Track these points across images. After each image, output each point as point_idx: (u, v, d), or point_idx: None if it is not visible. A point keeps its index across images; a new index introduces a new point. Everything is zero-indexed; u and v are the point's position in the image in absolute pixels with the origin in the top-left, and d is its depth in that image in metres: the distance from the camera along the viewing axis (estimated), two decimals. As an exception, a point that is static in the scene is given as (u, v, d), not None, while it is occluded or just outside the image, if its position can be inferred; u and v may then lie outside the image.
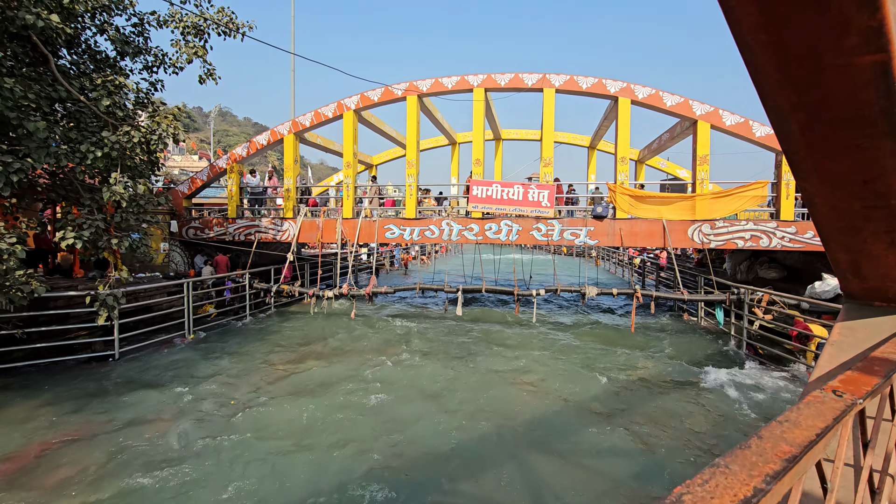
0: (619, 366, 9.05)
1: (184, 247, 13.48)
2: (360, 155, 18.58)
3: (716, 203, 11.05)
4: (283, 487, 4.92)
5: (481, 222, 11.90)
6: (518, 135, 18.57)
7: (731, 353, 9.91)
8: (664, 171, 17.60)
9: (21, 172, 6.06)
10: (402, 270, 26.98)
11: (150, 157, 8.07)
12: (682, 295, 10.82)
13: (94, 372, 8.27)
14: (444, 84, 12.23)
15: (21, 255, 5.57)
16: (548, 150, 11.99)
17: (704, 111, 11.06)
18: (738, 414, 6.89)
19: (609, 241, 11.52)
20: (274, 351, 9.87)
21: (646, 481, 5.14)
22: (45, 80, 6.69)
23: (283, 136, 13.12)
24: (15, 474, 5.08)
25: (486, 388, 7.82)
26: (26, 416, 6.46)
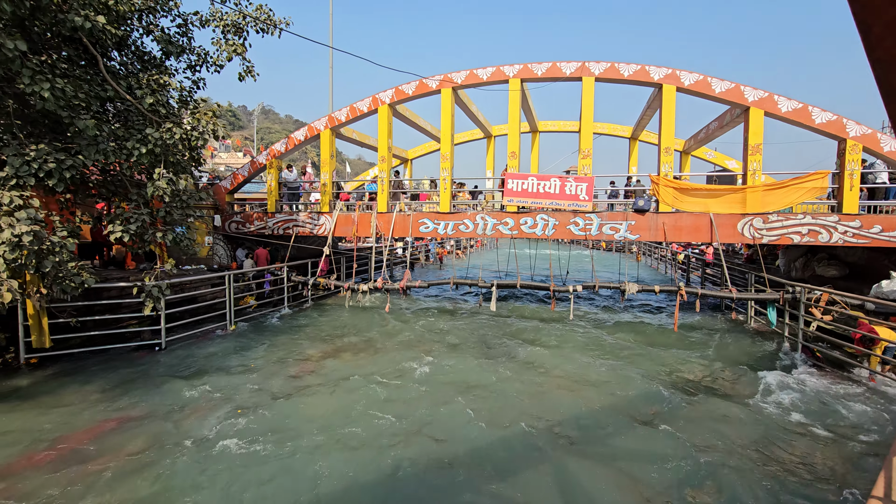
0: (661, 366, 8.65)
1: (226, 240, 13.94)
2: (395, 149, 18.64)
3: (769, 195, 10.36)
4: (313, 480, 4.96)
5: (516, 216, 11.66)
6: (555, 126, 18.09)
7: (785, 355, 9.29)
8: (712, 162, 16.71)
9: (73, 169, 6.37)
10: (436, 265, 27.00)
11: (191, 153, 8.33)
12: (731, 293, 10.23)
13: (143, 360, 8.67)
14: (479, 75, 12.02)
15: (71, 248, 5.85)
16: (587, 141, 11.59)
17: (758, 97, 10.36)
18: (792, 420, 6.42)
19: (651, 236, 11.03)
20: (310, 343, 10.05)
21: (690, 490, 4.85)
22: (95, 81, 7.00)
23: (319, 131, 13.30)
24: (67, 455, 5.36)
25: (520, 386, 7.65)
26: (80, 400, 6.83)
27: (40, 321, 7.54)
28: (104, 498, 4.57)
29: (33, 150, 6.13)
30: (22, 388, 7.24)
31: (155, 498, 4.60)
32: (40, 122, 6.99)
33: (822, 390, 7.41)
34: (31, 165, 6.07)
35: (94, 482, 4.82)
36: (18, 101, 6.63)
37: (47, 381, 7.50)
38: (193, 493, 4.69)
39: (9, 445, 5.54)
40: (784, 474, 5.12)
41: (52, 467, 5.11)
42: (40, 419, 6.21)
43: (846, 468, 5.28)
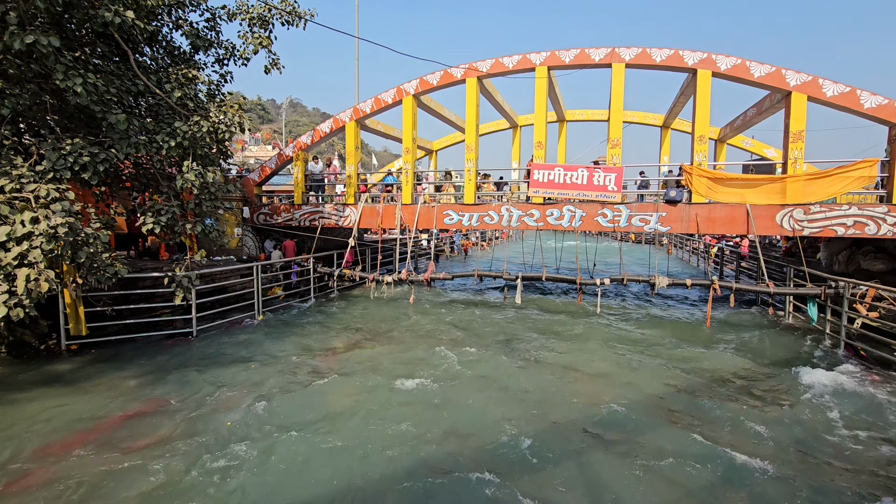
0: (693, 363, 8.37)
1: (255, 232, 14.21)
2: (420, 141, 18.57)
3: (811, 185, 9.82)
4: (337, 468, 5.00)
5: (542, 208, 11.44)
6: (583, 115, 17.65)
7: (826, 353, 8.84)
8: (748, 150, 15.99)
9: (106, 162, 6.56)
10: (461, 256, 26.93)
11: (219, 145, 8.47)
12: (768, 287, 9.79)
13: (175, 348, 8.93)
14: (504, 64, 11.79)
15: (105, 240, 6.04)
16: (616, 130, 11.24)
17: (801, 81, 9.80)
18: (833, 422, 6.10)
19: (683, 228, 10.64)
20: (336, 334, 10.16)
21: (721, 494, 4.67)
22: (126, 76, 7.17)
23: (344, 123, 13.34)
24: (102, 438, 5.56)
25: (545, 380, 7.53)
26: (117, 386, 7.09)
27: (77, 310, 7.85)
28: (139, 479, 4.72)
29: (69, 144, 6.33)
30: (63, 373, 7.57)
31: (186, 481, 4.72)
32: (76, 117, 7.21)
33: (866, 391, 7.01)
34: (67, 159, 6.28)
35: (130, 465, 4.98)
36: (55, 96, 6.85)
37: (86, 367, 7.82)
38: (222, 478, 4.79)
39: (51, 427, 5.79)
40: (824, 480, 4.86)
41: (91, 449, 5.31)
42: (80, 403, 6.47)
43: (892, 474, 4.97)
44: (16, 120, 7.01)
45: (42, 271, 5.23)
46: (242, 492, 4.60)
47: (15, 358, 8.05)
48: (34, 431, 5.68)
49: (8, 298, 5.10)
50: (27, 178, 5.78)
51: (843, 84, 9.58)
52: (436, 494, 4.61)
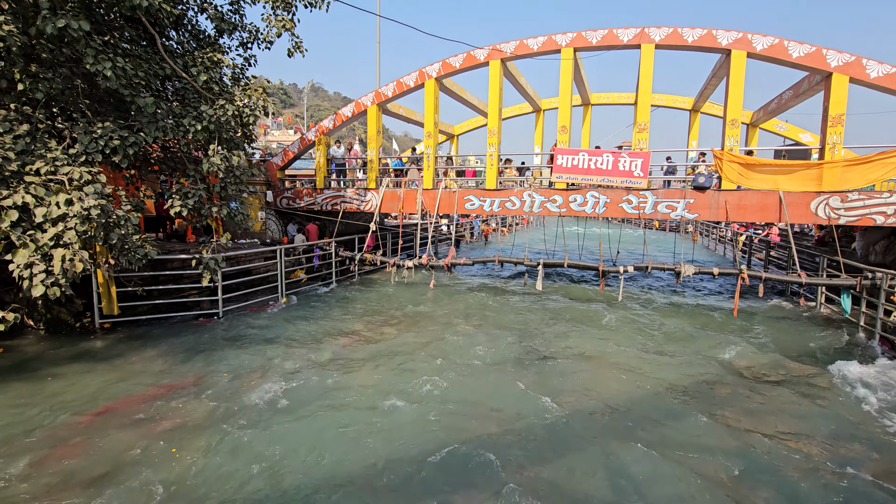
0: (720, 353, 8.20)
1: (278, 215, 14.39)
2: (442, 125, 18.41)
3: (850, 171, 9.39)
4: (355, 449, 5.08)
5: (565, 193, 11.25)
6: (609, 99, 17.20)
7: (859, 346, 8.56)
8: (782, 135, 15.37)
9: (136, 146, 6.70)
10: (481, 242, 26.83)
11: (243, 129, 8.54)
12: (800, 277, 9.47)
13: (202, 328, 9.18)
14: (529, 46, 11.51)
15: (136, 222, 6.19)
16: (643, 114, 10.91)
17: (842, 62, 9.31)
18: (866, 417, 5.92)
19: (711, 216, 10.34)
20: (357, 317, 10.28)
21: (746, 487, 4.59)
22: (154, 60, 7.25)
23: (366, 107, 13.29)
24: (132, 411, 5.77)
25: (565, 368, 7.49)
26: (147, 363, 7.35)
27: (109, 290, 8.10)
28: (165, 452, 4.89)
29: (100, 127, 6.47)
30: (97, 350, 7.87)
31: (211, 454, 4.88)
32: (105, 101, 7.36)
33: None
34: (98, 142, 6.42)
35: (158, 439, 5.17)
36: (86, 80, 6.98)
37: (118, 345, 8.10)
38: (247, 454, 4.93)
39: (86, 400, 6.04)
40: (856, 477, 4.73)
41: (121, 422, 5.52)
42: (113, 378, 6.73)
43: (929, 472, 4.81)
44: (49, 104, 7.19)
45: (77, 252, 5.39)
46: (269, 468, 4.73)
47: (52, 334, 8.40)
48: (71, 403, 5.94)
49: (45, 278, 5.28)
50: (61, 160, 5.94)
51: (889, 64, 9.06)
52: (451, 476, 4.65)
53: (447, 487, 4.49)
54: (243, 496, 4.31)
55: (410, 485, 4.53)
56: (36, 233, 5.44)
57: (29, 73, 6.32)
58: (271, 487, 4.44)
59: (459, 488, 4.49)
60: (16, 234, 5.27)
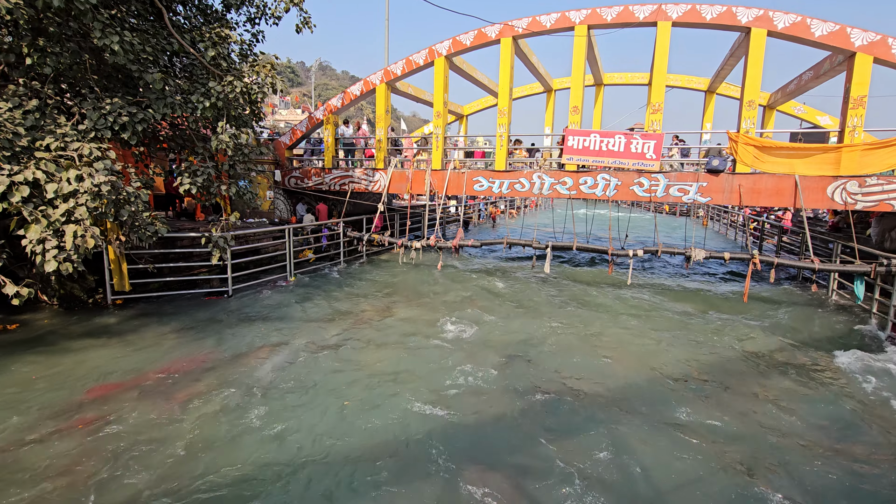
0: (726, 337, 8.16)
1: (286, 195, 14.38)
2: (451, 105, 18.16)
3: (869, 156, 9.15)
4: (358, 429, 5.15)
5: (576, 175, 11.11)
6: (622, 79, 16.82)
7: (871, 334, 8.47)
8: (800, 117, 14.99)
9: (144, 122, 6.67)
10: (489, 224, 26.73)
11: (252, 107, 8.47)
12: (813, 263, 9.34)
13: (212, 305, 9.27)
14: (542, 22, 11.23)
15: (145, 199, 6.21)
16: (658, 94, 10.67)
17: (867, 41, 9.00)
18: (878, 406, 5.88)
19: (725, 199, 10.17)
20: (364, 297, 10.33)
21: (749, 471, 4.60)
22: (161, 35, 7.17)
23: (374, 85, 13.11)
24: (145, 387, 5.88)
25: (573, 350, 7.50)
26: (159, 339, 7.45)
27: (120, 266, 8.18)
28: (178, 427, 4.99)
29: (108, 103, 6.44)
30: (110, 326, 7.99)
31: (220, 429, 4.97)
32: (113, 77, 7.31)
33: (913, 374, 6.71)
34: (107, 119, 6.40)
35: (170, 414, 5.27)
36: (93, 55, 6.92)
37: (130, 321, 8.22)
38: (259, 428, 5.02)
39: (99, 375, 6.15)
40: (863, 467, 4.72)
41: (134, 397, 5.63)
42: (125, 354, 6.84)
43: (938, 460, 4.79)
44: (57, 80, 7.15)
45: (88, 228, 5.43)
46: (280, 442, 4.81)
47: (66, 310, 8.53)
48: (84, 378, 6.06)
49: (58, 253, 5.33)
50: (71, 136, 5.94)
51: (916, 44, 8.74)
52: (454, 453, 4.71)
53: (452, 464, 4.54)
54: (252, 467, 4.39)
55: (418, 461, 4.59)
56: (47, 209, 5.48)
57: (37, 47, 6.27)
58: (279, 460, 4.52)
59: (465, 465, 4.54)
60: (27, 210, 5.30)
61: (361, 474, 4.38)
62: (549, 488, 4.27)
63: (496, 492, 4.19)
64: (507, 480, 4.36)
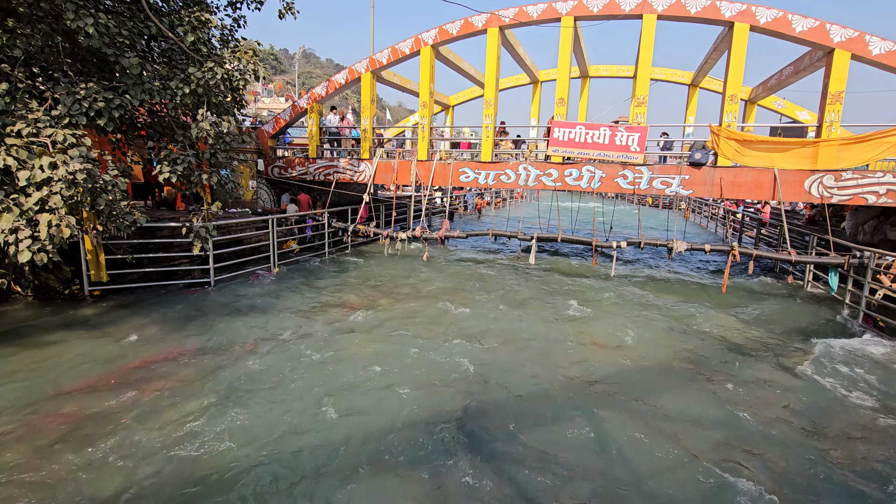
0: (707, 327, 8.34)
1: (270, 184, 14.16)
2: (437, 95, 18.04)
3: (845, 150, 9.38)
4: (341, 419, 5.14)
5: (561, 167, 11.17)
6: (607, 71, 16.90)
7: (844, 323, 8.74)
8: (781, 112, 15.27)
9: (121, 108, 6.47)
10: (475, 215, 26.75)
11: (233, 94, 8.29)
12: (789, 255, 9.58)
13: (193, 297, 9.12)
14: (528, 13, 11.19)
15: (123, 187, 6.05)
16: (643, 87, 10.75)
17: (846, 37, 9.17)
18: (847, 392, 6.09)
19: (706, 192, 10.34)
20: (349, 288, 10.27)
21: (729, 455, 4.73)
22: (138, 18, 6.94)
23: (360, 74, 12.94)
24: (123, 380, 5.77)
25: (557, 340, 7.58)
26: (138, 331, 7.30)
27: (98, 257, 7.99)
28: (156, 421, 4.92)
29: (83, 88, 6.23)
30: (87, 317, 7.81)
31: (201, 424, 4.91)
32: (88, 61, 7.06)
33: (882, 362, 6.96)
34: (82, 104, 6.19)
35: (149, 407, 5.19)
36: (67, 38, 6.68)
37: (109, 312, 8.04)
38: (235, 424, 4.97)
39: (76, 368, 6.02)
40: (835, 448, 4.89)
41: (112, 390, 5.53)
42: (103, 346, 6.70)
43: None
44: (29, 63, 6.88)
45: (63, 217, 5.27)
46: (256, 436, 4.78)
47: (41, 301, 8.31)
48: (60, 371, 5.92)
49: (32, 243, 5.18)
50: (43, 122, 5.73)
51: (892, 41, 8.95)
52: (438, 444, 4.75)
53: (434, 455, 4.57)
54: (234, 464, 4.36)
55: (402, 453, 4.61)
56: (20, 197, 5.30)
57: (6, 28, 6.02)
58: (259, 456, 4.49)
59: (449, 455, 4.58)
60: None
61: (346, 467, 4.39)
62: (534, 476, 4.33)
63: (481, 480, 4.23)
64: (490, 468, 4.40)
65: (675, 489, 4.21)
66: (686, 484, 4.28)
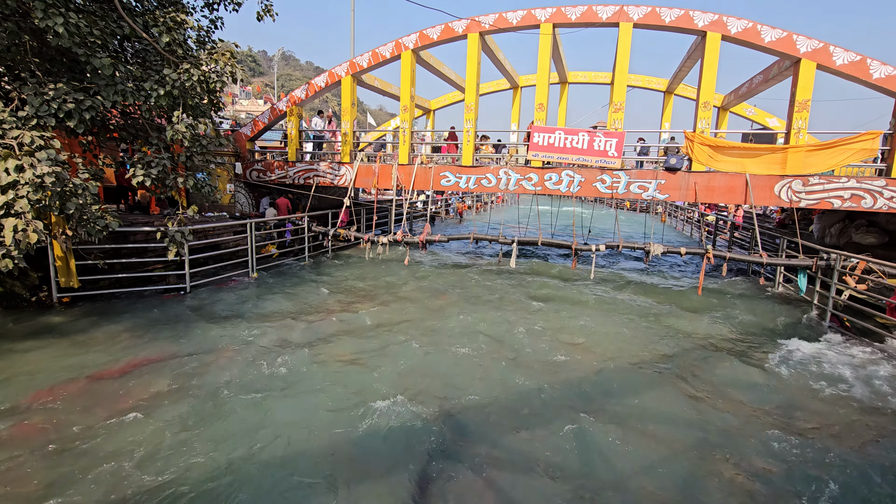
0: (683, 329, 8.52)
1: (248, 188, 13.95)
2: (418, 99, 18.06)
3: (812, 156, 9.73)
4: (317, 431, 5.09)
5: (541, 172, 11.29)
6: (586, 77, 17.19)
7: (812, 323, 9.04)
8: (752, 119, 15.76)
9: (92, 110, 6.28)
10: (456, 219, 26.81)
11: (210, 96, 8.15)
12: (761, 258, 9.86)
13: (168, 303, 8.91)
14: (508, 19, 11.31)
15: (94, 191, 5.87)
16: (619, 93, 10.96)
17: (811, 48, 9.53)
18: (815, 389, 6.30)
19: (681, 196, 10.59)
20: (330, 293, 10.17)
21: (704, 452, 4.84)
22: (111, 17, 6.77)
23: (340, 77, 12.87)
24: (93, 389, 5.60)
25: (536, 343, 7.64)
26: (109, 339, 7.09)
27: (67, 262, 7.73)
28: (127, 433, 4.78)
29: (52, 89, 6.04)
30: (56, 325, 7.54)
31: (175, 434, 4.79)
32: (57, 61, 6.86)
33: (848, 360, 7.21)
34: (51, 105, 6.00)
35: (120, 418, 5.04)
36: (35, 37, 6.48)
37: (79, 320, 7.79)
38: (211, 433, 4.87)
39: (43, 378, 5.80)
40: (804, 442, 5.05)
41: (82, 401, 5.35)
42: (72, 356, 6.48)
43: (868, 436, 5.18)
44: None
45: (30, 222, 5.10)
46: (233, 445, 4.68)
47: (6, 309, 7.99)
48: (26, 382, 5.70)
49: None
50: (9, 123, 5.54)
51: (854, 52, 9.33)
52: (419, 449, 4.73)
53: (415, 460, 4.56)
54: (208, 477, 4.26)
55: (379, 458, 4.58)
56: (-17, 201, 5.10)
57: (-31, 26, 5.82)
58: (239, 467, 4.40)
59: (432, 459, 4.56)
60: (-39, 202, 4.92)
61: (323, 474, 4.33)
62: (515, 478, 4.35)
63: (462, 484, 4.23)
64: (472, 472, 4.41)
65: (654, 487, 4.28)
66: (665, 481, 4.36)
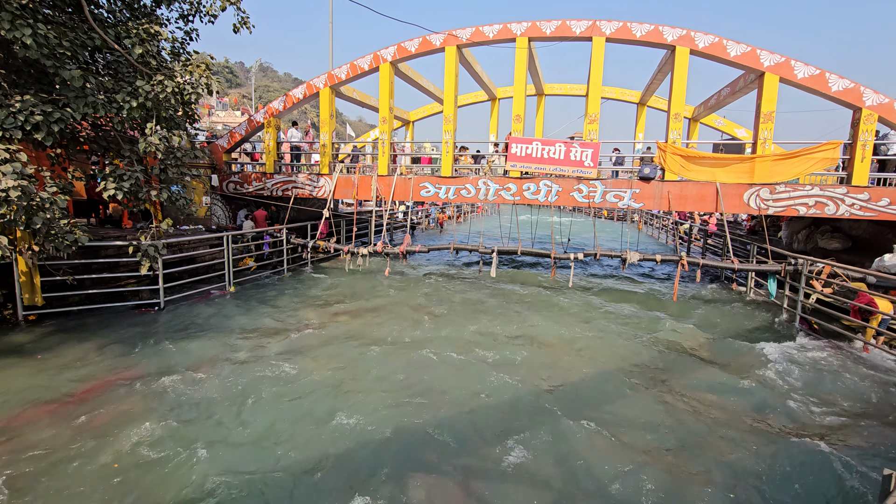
0: (658, 334, 8.68)
1: (225, 201, 13.74)
2: (397, 111, 18.14)
3: (778, 165, 10.12)
4: (300, 443, 5.01)
5: (519, 182, 11.44)
6: (562, 90, 17.55)
7: (782, 326, 9.32)
8: (721, 129, 16.30)
9: (61, 122, 6.13)
10: (437, 230, 26.87)
11: (185, 108, 8.04)
12: (732, 264, 10.15)
13: (141, 319, 8.67)
14: (485, 33, 11.51)
15: (63, 205, 5.71)
16: (594, 105, 11.22)
17: (774, 62, 9.96)
18: (784, 390, 6.48)
19: (655, 205, 10.86)
20: (309, 306, 10.05)
21: (680, 456, 4.92)
22: (81, 28, 6.64)
23: (318, 89, 12.86)
24: (66, 411, 5.39)
25: (516, 351, 7.68)
26: (79, 358, 6.85)
27: (32, 279, 7.47)
28: (100, 455, 4.62)
29: (18, 101, 5.87)
30: (21, 344, 7.26)
31: (150, 455, 4.65)
32: (24, 72, 6.68)
33: (816, 361, 7.45)
34: (17, 117, 5.83)
35: (92, 440, 4.86)
36: (1, 48, 6.31)
37: (46, 338, 7.51)
38: (188, 451, 4.74)
39: (8, 401, 5.57)
40: (775, 442, 5.18)
41: (50, 423, 5.15)
42: (39, 376, 6.24)
43: (837, 435, 5.34)
44: (-43, 73, 6.44)
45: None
46: (208, 465, 4.57)
47: (-33, 328, 7.66)
48: (-8, 404, 5.46)
49: (-43, 265, 4.79)
50: (-27, 136, 5.36)
51: (814, 66, 9.78)
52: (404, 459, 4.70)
53: (400, 470, 4.51)
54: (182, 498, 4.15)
55: (362, 469, 4.52)
56: (-56, 216, 4.91)
57: (-69, 36, 5.64)
58: (217, 485, 4.29)
59: (412, 470, 4.53)
60: (-81, 218, 4.73)
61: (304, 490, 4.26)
62: (495, 487, 4.34)
63: (442, 493, 4.21)
64: (452, 482, 4.38)
65: (634, 491, 4.33)
66: (646, 485, 4.41)
